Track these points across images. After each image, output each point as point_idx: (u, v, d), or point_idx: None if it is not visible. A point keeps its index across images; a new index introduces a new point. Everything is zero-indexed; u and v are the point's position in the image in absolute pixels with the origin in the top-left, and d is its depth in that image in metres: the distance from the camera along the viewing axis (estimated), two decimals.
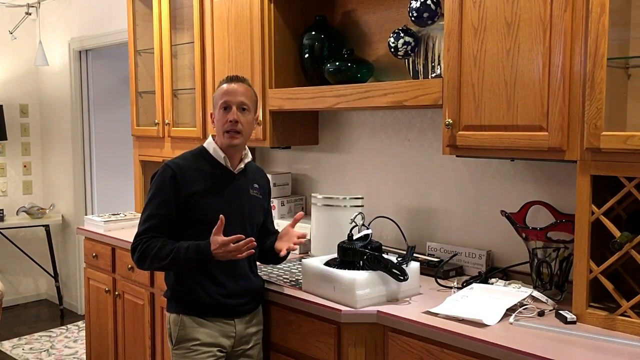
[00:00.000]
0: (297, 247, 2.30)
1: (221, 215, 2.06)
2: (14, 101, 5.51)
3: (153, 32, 3.57)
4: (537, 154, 1.96)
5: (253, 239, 2.07)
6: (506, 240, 2.41)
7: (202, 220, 2.16)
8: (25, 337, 4.73)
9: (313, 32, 2.85)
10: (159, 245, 2.13)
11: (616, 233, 1.80)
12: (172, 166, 2.21)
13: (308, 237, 2.36)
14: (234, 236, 2.04)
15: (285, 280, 2.43)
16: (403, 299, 2.16)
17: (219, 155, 2.26)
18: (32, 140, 5.65)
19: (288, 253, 2.28)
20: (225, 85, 2.23)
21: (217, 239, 2.05)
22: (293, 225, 2.31)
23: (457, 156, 2.22)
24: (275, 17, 2.86)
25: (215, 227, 2.06)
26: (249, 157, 2.33)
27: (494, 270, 2.37)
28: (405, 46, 2.40)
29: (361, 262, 2.16)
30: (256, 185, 2.35)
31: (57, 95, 5.39)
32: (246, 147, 2.33)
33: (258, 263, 2.38)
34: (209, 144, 2.29)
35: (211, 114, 2.30)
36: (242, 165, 2.30)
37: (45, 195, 5.70)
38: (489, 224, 2.49)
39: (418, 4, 2.31)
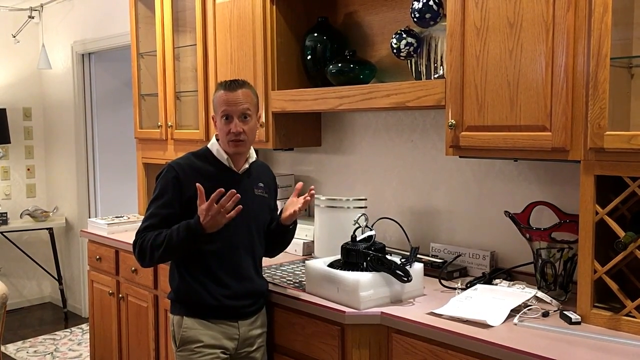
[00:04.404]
0: (305, 206, 2.25)
1: (197, 184, 2.04)
2: (17, 104, 5.52)
3: (155, 35, 3.58)
4: (541, 154, 1.96)
5: (234, 191, 2.02)
6: (510, 241, 2.40)
7: None
8: (29, 340, 4.73)
9: (315, 34, 2.85)
10: (154, 235, 2.14)
11: (620, 233, 1.79)
12: (176, 167, 2.21)
13: (313, 192, 2.28)
14: (214, 194, 2.00)
15: (288, 281, 2.43)
16: (407, 300, 2.15)
17: (223, 157, 2.25)
18: (35, 144, 5.66)
19: (295, 223, 2.30)
20: (224, 93, 2.18)
21: (202, 207, 2.04)
22: (296, 195, 2.30)
23: (460, 157, 2.21)
24: (277, 19, 2.86)
25: (198, 199, 2.04)
26: (254, 157, 2.32)
27: (498, 271, 2.36)
28: (407, 47, 2.40)
29: (365, 263, 2.16)
30: (261, 185, 2.34)
31: (60, 98, 5.40)
32: (251, 147, 2.32)
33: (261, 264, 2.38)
34: (213, 145, 2.28)
35: (212, 117, 2.29)
36: (246, 166, 2.29)
37: (48, 198, 5.71)
38: (492, 224, 2.48)
39: (420, 5, 2.31)
